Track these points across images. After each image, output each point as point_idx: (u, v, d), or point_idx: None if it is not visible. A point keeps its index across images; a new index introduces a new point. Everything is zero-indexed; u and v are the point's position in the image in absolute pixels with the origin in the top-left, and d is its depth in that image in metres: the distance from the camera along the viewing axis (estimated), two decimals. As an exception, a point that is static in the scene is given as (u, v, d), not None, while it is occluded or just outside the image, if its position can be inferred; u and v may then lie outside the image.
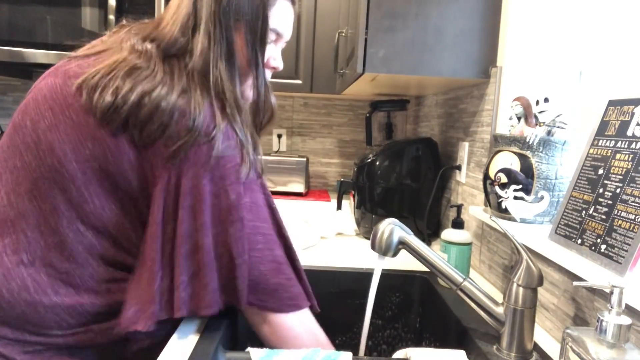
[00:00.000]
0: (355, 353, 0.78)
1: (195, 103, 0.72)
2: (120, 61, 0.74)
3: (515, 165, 0.99)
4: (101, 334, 0.78)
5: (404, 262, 1.22)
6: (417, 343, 1.14)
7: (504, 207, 1.01)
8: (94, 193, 0.74)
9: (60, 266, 0.75)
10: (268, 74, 0.88)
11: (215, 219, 0.73)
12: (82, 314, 0.76)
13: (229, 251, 0.74)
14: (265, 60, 0.85)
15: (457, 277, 0.83)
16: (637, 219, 0.70)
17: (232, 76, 0.78)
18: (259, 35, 0.81)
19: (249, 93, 0.85)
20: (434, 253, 0.86)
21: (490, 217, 0.94)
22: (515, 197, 0.99)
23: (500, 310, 0.79)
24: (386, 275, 1.19)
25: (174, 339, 0.79)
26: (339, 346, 1.17)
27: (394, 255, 0.89)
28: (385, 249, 0.88)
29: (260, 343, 0.81)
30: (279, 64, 0.90)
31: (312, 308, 0.85)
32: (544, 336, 0.88)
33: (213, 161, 0.71)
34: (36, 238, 0.74)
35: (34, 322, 0.74)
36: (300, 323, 0.83)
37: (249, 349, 0.75)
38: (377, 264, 0.90)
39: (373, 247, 0.89)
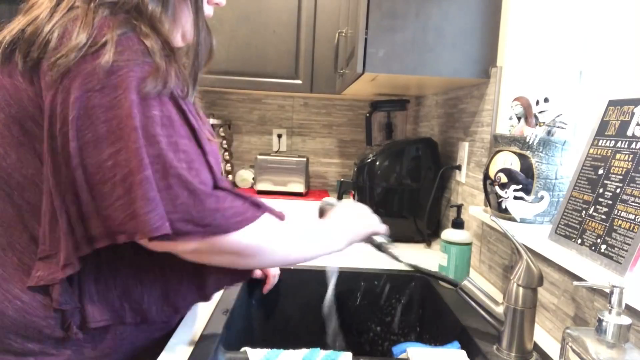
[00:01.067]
0: (356, 354, 0.77)
1: (82, 17, 0.65)
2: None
3: (515, 165, 0.98)
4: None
5: (404, 262, 1.21)
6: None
7: (504, 207, 1.01)
8: (7, 146, 0.70)
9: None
10: (209, 9, 0.80)
11: (111, 135, 0.63)
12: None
13: (131, 170, 0.63)
14: None
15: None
16: (637, 219, 0.70)
17: None
18: None
19: (190, 32, 0.76)
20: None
21: (490, 217, 0.94)
22: (515, 197, 0.98)
23: (500, 310, 0.79)
24: (386, 275, 1.18)
25: (174, 338, 0.80)
26: (339, 347, 1.17)
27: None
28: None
29: (260, 344, 0.81)
30: None
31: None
32: (544, 336, 0.88)
33: (102, 71, 0.63)
34: None
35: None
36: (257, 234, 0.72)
37: (247, 349, 0.75)
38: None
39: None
